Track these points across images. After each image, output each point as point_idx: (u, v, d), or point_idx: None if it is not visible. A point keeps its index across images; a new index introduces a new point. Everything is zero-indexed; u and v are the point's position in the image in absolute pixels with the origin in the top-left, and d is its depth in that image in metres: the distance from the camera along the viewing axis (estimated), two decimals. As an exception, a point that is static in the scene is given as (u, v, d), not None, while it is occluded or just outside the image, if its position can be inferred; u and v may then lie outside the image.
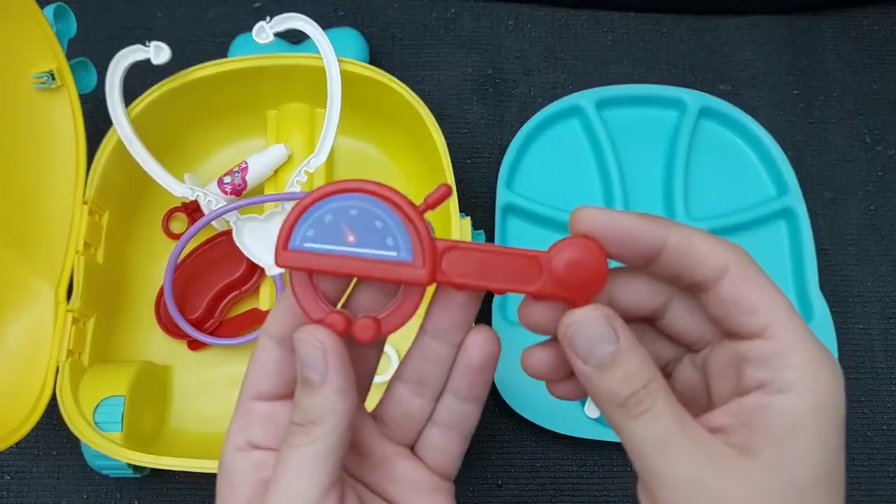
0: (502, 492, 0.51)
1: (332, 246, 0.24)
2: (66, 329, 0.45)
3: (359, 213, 0.24)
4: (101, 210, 0.49)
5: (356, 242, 0.24)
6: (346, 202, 0.24)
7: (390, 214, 0.24)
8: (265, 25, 0.48)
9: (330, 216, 0.24)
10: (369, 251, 0.24)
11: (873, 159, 0.60)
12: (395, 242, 0.24)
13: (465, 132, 0.60)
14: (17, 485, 0.51)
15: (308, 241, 0.24)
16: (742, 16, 0.63)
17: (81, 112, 0.48)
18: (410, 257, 0.24)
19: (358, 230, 0.24)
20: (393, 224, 0.24)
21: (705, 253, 0.22)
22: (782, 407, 0.21)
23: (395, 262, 0.24)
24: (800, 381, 0.21)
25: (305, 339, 0.23)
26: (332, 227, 0.24)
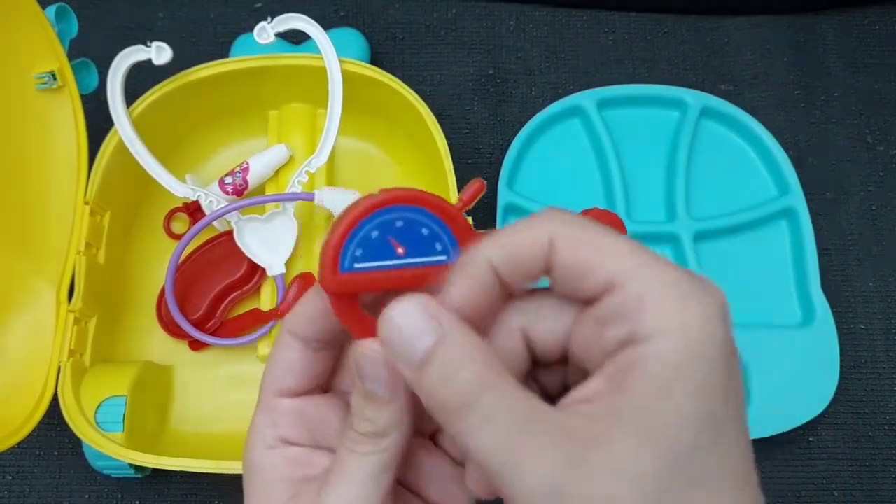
0: (503, 492, 0.51)
1: (383, 262, 0.23)
2: (68, 329, 0.45)
3: (404, 223, 0.23)
4: (103, 210, 0.49)
5: (406, 254, 0.23)
6: (389, 215, 0.23)
7: (434, 219, 0.23)
8: (266, 26, 0.48)
9: (376, 232, 0.23)
10: (420, 259, 0.23)
11: (875, 159, 0.60)
12: (443, 247, 0.23)
13: (467, 132, 0.60)
14: (19, 485, 0.51)
15: (357, 262, 0.23)
16: (743, 16, 0.63)
17: (83, 112, 0.48)
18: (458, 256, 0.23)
19: (406, 241, 0.23)
20: (438, 228, 0.23)
21: (528, 247, 0.21)
22: (647, 358, 0.18)
23: (445, 266, 0.23)
24: (663, 323, 0.18)
25: (369, 355, 0.22)
26: (380, 242, 0.23)
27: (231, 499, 0.51)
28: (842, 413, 0.53)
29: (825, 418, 0.52)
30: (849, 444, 0.53)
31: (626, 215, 0.55)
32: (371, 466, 0.22)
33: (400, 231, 0.23)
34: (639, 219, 0.56)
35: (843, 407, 0.53)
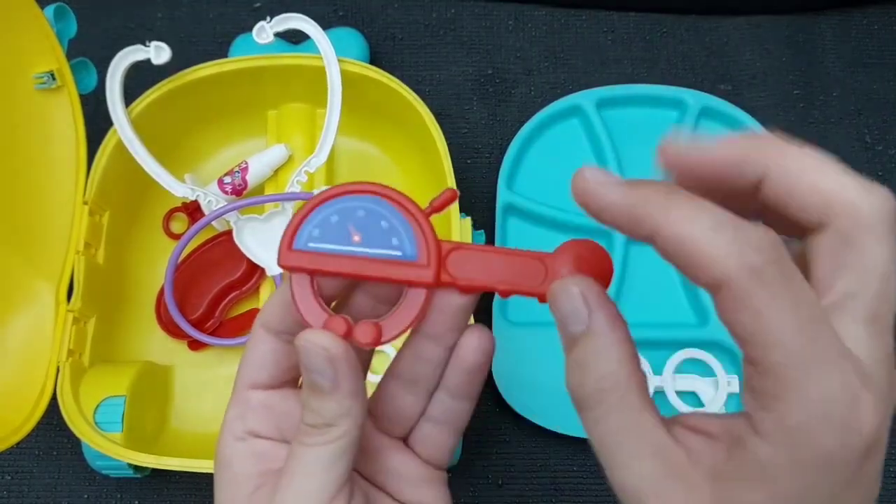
0: (503, 491, 0.51)
1: (337, 246, 0.23)
2: (67, 329, 0.45)
3: (365, 213, 0.24)
4: (102, 210, 0.49)
5: (361, 242, 0.23)
6: (352, 203, 0.24)
7: (396, 215, 0.24)
8: (265, 25, 0.48)
9: (336, 216, 0.24)
10: (374, 250, 0.23)
11: (873, 159, 0.60)
12: (400, 242, 0.24)
13: (466, 132, 0.60)
14: (18, 485, 0.51)
15: (313, 241, 0.23)
16: (742, 16, 0.63)
17: (82, 112, 0.48)
18: (416, 256, 0.23)
19: (364, 230, 0.23)
20: (399, 224, 0.24)
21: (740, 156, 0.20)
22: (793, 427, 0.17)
23: (400, 261, 0.23)
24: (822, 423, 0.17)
25: (308, 347, 0.23)
26: (338, 226, 0.24)
27: (230, 499, 0.51)
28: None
29: (824, 418, 0.52)
30: None
31: (625, 215, 0.55)
32: (323, 458, 0.23)
33: (360, 220, 0.23)
34: (638, 219, 0.56)
35: (842, 407, 0.53)
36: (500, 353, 0.52)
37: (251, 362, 0.26)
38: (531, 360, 0.52)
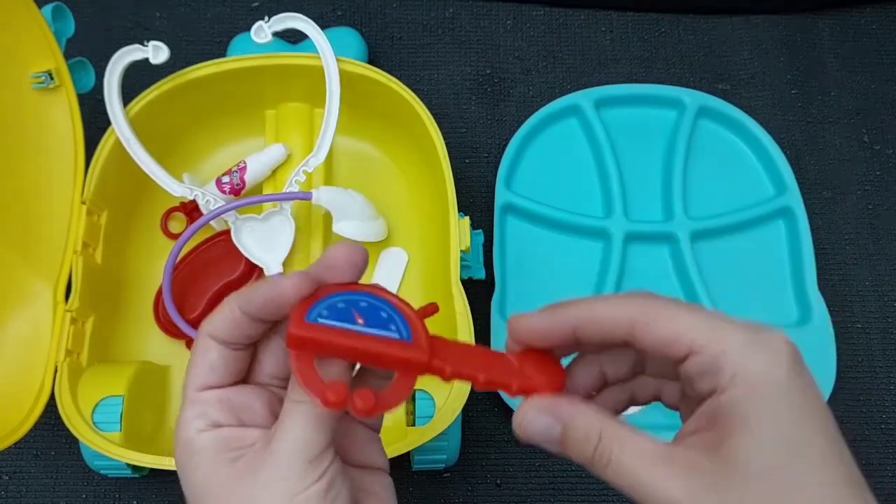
0: (501, 491, 0.51)
1: (344, 324, 0.26)
2: (65, 329, 0.45)
3: (367, 304, 0.27)
4: (100, 210, 0.49)
5: (364, 324, 0.26)
6: (354, 296, 0.27)
7: (392, 309, 0.27)
8: (263, 25, 0.48)
9: (342, 304, 0.27)
10: (376, 331, 0.26)
11: (871, 158, 0.60)
12: (396, 329, 0.27)
13: (464, 132, 0.60)
14: (16, 485, 0.51)
15: (322, 318, 0.26)
16: (740, 15, 0.64)
17: (80, 112, 0.48)
18: (411, 340, 0.27)
19: (366, 316, 0.27)
20: (395, 316, 0.27)
21: (608, 320, 0.26)
22: (726, 404, 0.24)
23: (398, 341, 0.26)
24: (738, 374, 0.23)
25: None
26: (344, 311, 0.26)
27: (229, 498, 0.51)
28: (838, 412, 0.52)
29: (822, 417, 0.52)
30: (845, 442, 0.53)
31: (623, 214, 0.55)
32: (312, 412, 0.26)
33: (363, 308, 0.27)
34: (636, 218, 0.56)
35: (840, 406, 0.53)
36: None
37: (202, 368, 0.28)
38: (530, 360, 0.52)
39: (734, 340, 0.24)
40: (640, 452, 0.25)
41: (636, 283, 0.55)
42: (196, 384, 0.28)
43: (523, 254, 0.55)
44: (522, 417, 0.27)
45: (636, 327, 0.25)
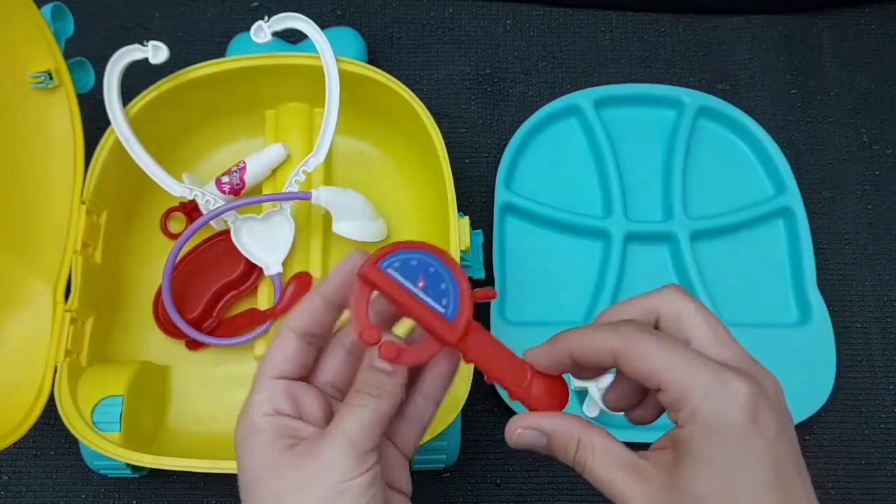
0: (501, 490, 0.51)
1: (406, 281, 0.30)
2: (65, 329, 0.45)
3: (434, 272, 0.30)
4: (99, 210, 0.49)
5: (423, 289, 0.30)
6: (428, 260, 0.30)
7: (453, 286, 0.30)
8: (263, 25, 0.48)
9: (415, 262, 0.30)
10: (428, 299, 0.30)
11: (871, 158, 0.60)
12: (447, 304, 0.30)
13: (464, 131, 0.60)
14: (16, 485, 0.51)
15: (392, 269, 0.30)
16: (740, 15, 0.64)
17: (79, 112, 0.48)
18: (452, 320, 0.30)
19: (428, 282, 0.30)
20: (452, 292, 0.30)
21: (596, 352, 0.29)
22: (683, 436, 0.27)
23: (441, 316, 0.30)
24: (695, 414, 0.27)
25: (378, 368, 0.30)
26: (413, 270, 0.30)
27: (228, 498, 0.51)
28: (838, 411, 0.53)
29: (821, 417, 0.52)
30: (845, 442, 0.53)
31: (623, 214, 0.55)
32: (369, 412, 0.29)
33: (430, 274, 0.30)
34: (636, 218, 0.56)
35: (840, 405, 0.53)
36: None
37: (277, 357, 0.31)
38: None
39: (697, 383, 0.27)
40: (610, 460, 0.29)
41: (636, 283, 0.55)
42: (271, 372, 0.31)
43: (523, 254, 0.55)
44: (512, 432, 0.31)
45: (618, 359, 0.29)
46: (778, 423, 0.27)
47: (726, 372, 0.27)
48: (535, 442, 0.31)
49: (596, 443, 0.29)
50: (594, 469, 0.29)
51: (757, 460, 0.26)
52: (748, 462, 0.26)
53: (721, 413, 0.27)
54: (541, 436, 0.30)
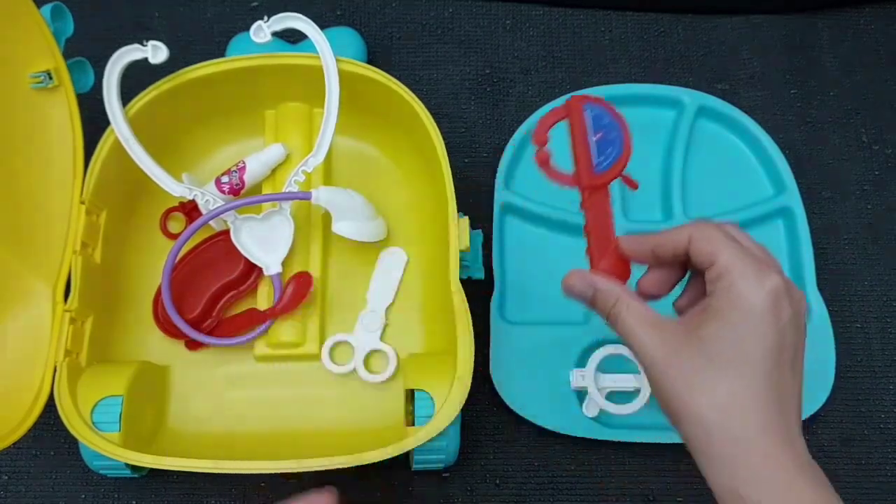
0: (500, 490, 0.51)
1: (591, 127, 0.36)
2: (64, 329, 0.45)
3: (614, 137, 0.37)
4: (99, 210, 0.49)
5: (597, 139, 0.36)
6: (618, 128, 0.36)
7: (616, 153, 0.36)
8: (263, 25, 0.48)
9: (608, 120, 0.36)
10: (594, 149, 0.36)
11: (870, 158, 0.60)
12: (601, 161, 0.36)
13: (463, 131, 0.60)
14: (15, 485, 0.51)
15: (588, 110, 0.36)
16: (740, 15, 0.64)
17: (79, 111, 0.48)
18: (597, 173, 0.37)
19: (604, 138, 0.36)
20: (612, 157, 0.36)
21: (674, 239, 0.35)
22: (714, 304, 0.33)
23: (590, 164, 0.37)
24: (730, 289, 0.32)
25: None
26: (602, 123, 0.36)
27: (228, 498, 0.51)
28: (837, 412, 0.53)
29: (821, 417, 0.52)
30: (844, 442, 0.53)
31: (622, 214, 0.55)
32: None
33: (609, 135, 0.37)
34: (635, 218, 0.56)
35: (839, 406, 0.53)
36: (499, 353, 0.52)
37: None
38: (529, 360, 0.52)
39: (741, 267, 0.33)
40: (639, 316, 0.35)
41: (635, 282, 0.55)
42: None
43: (522, 254, 0.55)
44: (570, 280, 0.38)
45: (691, 240, 0.34)
46: (791, 319, 0.32)
47: (767, 267, 0.33)
48: (584, 292, 0.37)
49: (631, 303, 0.35)
50: (625, 321, 0.35)
51: (764, 333, 0.32)
52: (756, 332, 0.32)
53: (750, 292, 0.32)
54: (590, 288, 0.37)
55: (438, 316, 0.49)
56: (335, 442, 0.48)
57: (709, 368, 0.32)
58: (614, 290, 0.36)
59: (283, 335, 0.50)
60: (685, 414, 0.32)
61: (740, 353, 0.32)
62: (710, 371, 0.32)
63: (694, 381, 0.32)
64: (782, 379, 0.32)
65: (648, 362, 0.34)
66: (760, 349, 0.32)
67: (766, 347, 0.32)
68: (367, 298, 0.52)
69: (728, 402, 0.32)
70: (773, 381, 0.32)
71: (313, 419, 0.50)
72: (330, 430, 0.49)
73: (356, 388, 0.50)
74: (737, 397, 0.32)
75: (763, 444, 0.31)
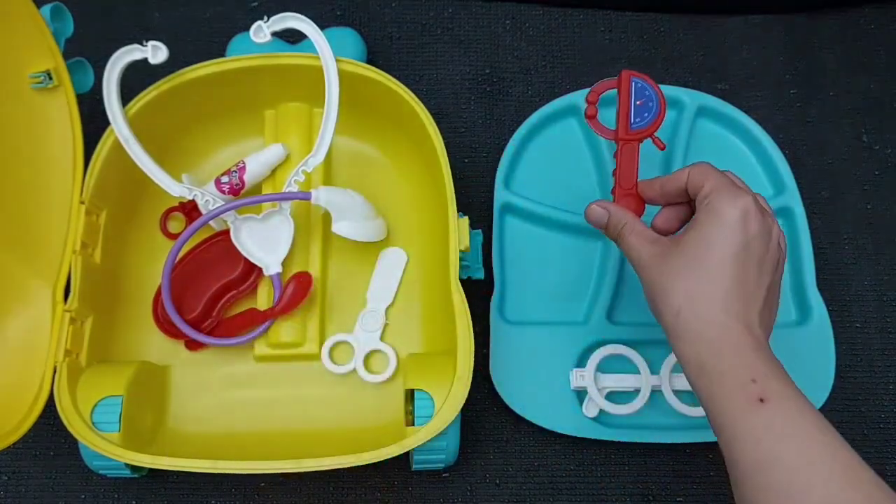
0: (500, 490, 0.51)
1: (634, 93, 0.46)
2: (64, 329, 0.45)
3: (651, 104, 0.46)
4: (99, 210, 0.49)
5: (637, 105, 0.46)
6: (656, 99, 0.46)
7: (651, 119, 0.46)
8: (262, 25, 0.48)
9: (648, 92, 0.46)
10: (632, 111, 0.46)
11: (870, 158, 0.60)
12: (636, 122, 0.46)
13: (463, 131, 0.60)
14: (15, 485, 0.51)
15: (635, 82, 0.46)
16: (740, 15, 0.64)
17: (78, 112, 0.48)
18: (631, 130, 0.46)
19: (643, 105, 0.46)
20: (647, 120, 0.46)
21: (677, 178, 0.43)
22: (696, 219, 0.40)
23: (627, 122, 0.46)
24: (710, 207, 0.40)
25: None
26: (643, 93, 0.46)
27: (228, 498, 0.51)
28: (837, 411, 0.53)
29: (821, 417, 0.52)
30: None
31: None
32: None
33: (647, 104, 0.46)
34: (635, 218, 0.56)
35: (839, 405, 0.53)
36: (498, 353, 0.52)
37: None
38: (529, 360, 0.52)
39: (720, 189, 0.40)
40: (639, 234, 0.43)
41: (636, 283, 0.54)
42: None
43: (522, 254, 0.55)
44: (591, 208, 0.46)
45: (690, 175, 0.42)
46: (759, 233, 0.39)
47: (742, 191, 0.40)
48: (600, 218, 0.45)
49: (635, 225, 0.43)
50: (627, 238, 0.43)
51: (731, 239, 0.38)
52: (724, 238, 0.39)
53: (724, 207, 0.39)
54: (605, 213, 0.45)
55: (438, 316, 0.49)
56: (335, 442, 0.48)
57: (685, 266, 0.39)
58: (625, 216, 0.44)
59: (283, 335, 0.50)
60: (664, 303, 0.39)
61: (710, 253, 0.38)
62: (686, 268, 0.39)
63: (673, 276, 0.39)
64: (746, 278, 0.38)
65: (641, 266, 0.42)
66: (728, 252, 0.38)
67: (733, 252, 0.38)
68: (367, 298, 0.52)
69: (696, 290, 0.38)
70: (738, 279, 0.38)
71: (313, 419, 0.50)
72: (330, 430, 0.49)
73: (356, 388, 0.50)
74: (704, 286, 0.38)
75: (721, 322, 0.37)
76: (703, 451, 0.52)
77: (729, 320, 0.37)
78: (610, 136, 0.47)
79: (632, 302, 0.54)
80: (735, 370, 0.36)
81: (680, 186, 0.42)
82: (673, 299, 0.39)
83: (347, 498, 0.51)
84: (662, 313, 0.40)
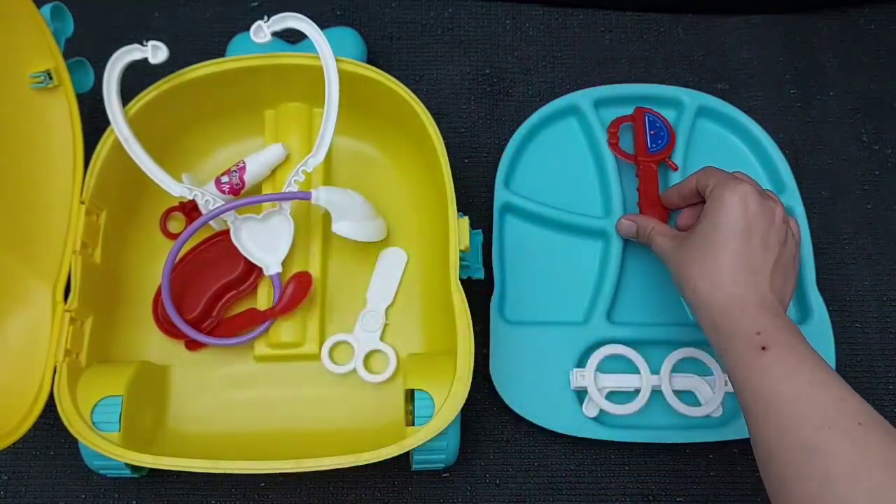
0: (500, 490, 0.51)
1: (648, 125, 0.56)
2: (64, 329, 0.45)
3: (663, 135, 0.56)
4: (99, 210, 0.49)
5: (650, 135, 0.56)
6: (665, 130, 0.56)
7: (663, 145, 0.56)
8: (263, 25, 0.48)
9: (660, 124, 0.56)
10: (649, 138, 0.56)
11: (870, 158, 0.60)
12: (651, 147, 0.55)
13: (463, 131, 0.60)
14: (15, 485, 0.51)
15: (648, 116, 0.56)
16: (740, 15, 0.64)
17: (79, 112, 0.48)
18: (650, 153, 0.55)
19: (655, 135, 0.56)
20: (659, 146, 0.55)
21: (689, 183, 0.50)
22: (705, 210, 0.46)
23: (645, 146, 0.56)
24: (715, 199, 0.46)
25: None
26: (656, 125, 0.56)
27: (228, 498, 0.51)
28: (838, 412, 0.53)
29: (821, 417, 0.52)
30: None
31: (622, 214, 0.55)
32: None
33: (658, 133, 0.56)
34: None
35: (839, 405, 0.53)
36: (499, 353, 0.52)
37: None
38: (529, 360, 0.52)
39: (724, 182, 0.46)
40: (663, 233, 0.50)
41: (636, 283, 0.55)
42: None
43: (522, 254, 0.55)
44: (622, 223, 0.54)
45: (698, 178, 0.49)
46: (760, 213, 0.44)
47: (741, 180, 0.46)
48: (629, 229, 0.53)
49: (660, 227, 0.51)
50: (654, 238, 0.50)
51: (734, 221, 0.44)
52: (728, 221, 0.44)
53: (726, 195, 0.45)
54: (633, 224, 0.53)
55: (438, 316, 0.49)
56: (335, 442, 0.48)
57: (699, 251, 0.45)
58: (650, 222, 0.52)
59: (282, 335, 0.50)
60: (685, 283, 0.45)
61: (716, 234, 0.44)
62: (698, 251, 0.45)
63: (689, 260, 0.45)
64: (750, 252, 0.44)
65: (666, 258, 0.48)
66: (730, 230, 0.44)
67: (735, 230, 0.44)
68: (367, 298, 0.52)
69: (710, 268, 0.44)
70: (742, 254, 0.43)
71: (313, 419, 0.50)
72: (330, 430, 0.49)
73: (356, 388, 0.50)
74: (716, 264, 0.44)
75: (730, 290, 0.43)
76: (703, 451, 0.52)
77: (738, 289, 0.43)
78: (631, 159, 0.55)
79: (632, 302, 0.54)
80: (743, 326, 0.41)
81: (692, 188, 0.49)
82: (691, 279, 0.45)
83: (347, 498, 0.51)
84: (685, 292, 0.45)
